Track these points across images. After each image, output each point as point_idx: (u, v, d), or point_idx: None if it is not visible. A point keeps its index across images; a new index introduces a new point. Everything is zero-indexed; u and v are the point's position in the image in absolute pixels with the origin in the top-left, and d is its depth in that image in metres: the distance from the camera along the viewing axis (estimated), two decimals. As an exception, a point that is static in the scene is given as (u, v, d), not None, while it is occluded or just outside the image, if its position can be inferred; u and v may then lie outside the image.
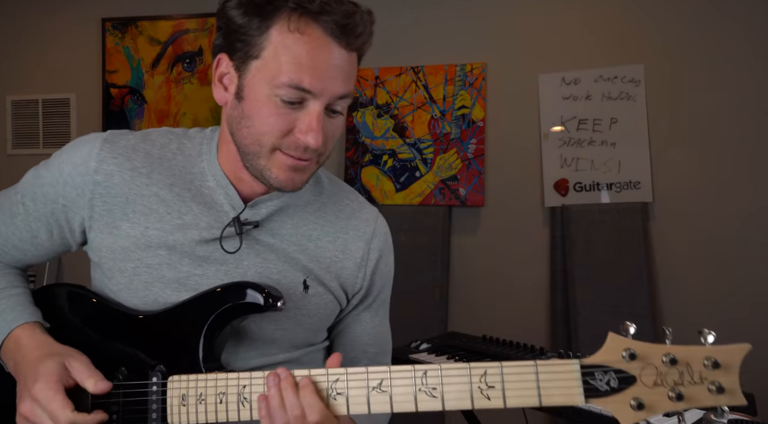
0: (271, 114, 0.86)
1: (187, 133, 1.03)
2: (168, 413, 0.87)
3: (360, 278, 1.04)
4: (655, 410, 0.72)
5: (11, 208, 1.00)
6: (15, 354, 0.91)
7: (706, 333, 0.72)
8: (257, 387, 0.83)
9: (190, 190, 0.96)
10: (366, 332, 1.08)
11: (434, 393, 0.78)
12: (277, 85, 0.84)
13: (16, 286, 1.00)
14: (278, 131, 0.87)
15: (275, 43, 0.85)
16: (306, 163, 0.89)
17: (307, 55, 0.84)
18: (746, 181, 2.56)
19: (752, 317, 2.48)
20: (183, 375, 0.88)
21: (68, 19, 3.39)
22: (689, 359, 0.72)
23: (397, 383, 0.79)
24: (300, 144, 0.87)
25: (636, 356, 0.72)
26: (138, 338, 0.93)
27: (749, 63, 2.56)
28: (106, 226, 0.94)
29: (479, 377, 0.76)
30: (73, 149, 0.97)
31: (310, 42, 0.84)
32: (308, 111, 0.86)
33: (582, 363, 0.74)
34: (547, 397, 0.75)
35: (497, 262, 2.86)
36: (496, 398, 0.76)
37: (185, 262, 0.94)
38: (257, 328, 0.96)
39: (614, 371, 0.73)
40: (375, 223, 1.07)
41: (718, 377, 0.71)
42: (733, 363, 0.72)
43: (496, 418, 2.23)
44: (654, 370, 0.72)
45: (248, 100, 0.88)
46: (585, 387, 0.74)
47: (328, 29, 0.84)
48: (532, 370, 0.75)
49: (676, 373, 0.72)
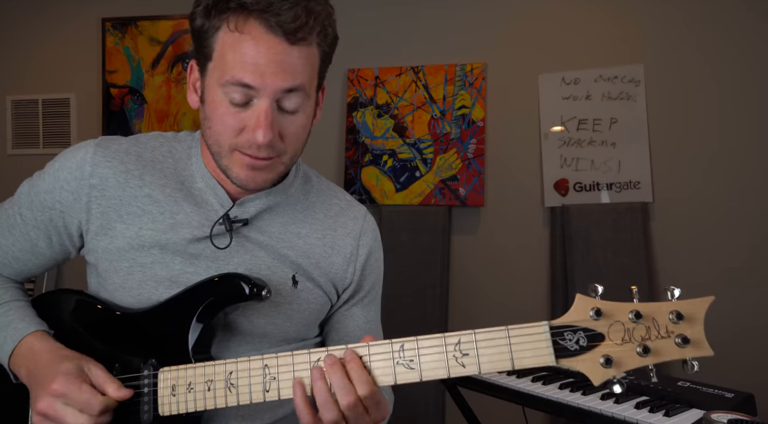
0: (223, 114, 0.89)
1: (177, 136, 1.06)
2: (159, 404, 0.89)
3: (350, 273, 1.06)
4: (624, 365, 0.73)
5: (8, 221, 1.02)
6: (28, 361, 0.93)
7: (672, 289, 0.74)
8: (243, 373, 0.86)
9: (181, 190, 0.99)
10: (359, 327, 1.10)
11: (411, 365, 0.80)
12: (223, 84, 0.87)
13: (19, 299, 1.03)
14: (231, 130, 0.89)
15: (221, 44, 0.87)
16: (265, 163, 0.91)
17: (247, 53, 0.85)
18: (746, 181, 2.55)
19: (752, 317, 2.48)
20: (173, 367, 0.90)
21: (68, 19, 3.39)
22: (654, 313, 0.73)
23: (376, 358, 0.81)
24: (252, 142, 0.88)
25: (602, 314, 0.75)
26: (130, 334, 0.96)
27: (749, 63, 2.56)
28: (102, 228, 0.97)
29: (453, 346, 0.79)
30: (67, 156, 0.99)
31: (249, 39, 0.85)
32: (255, 109, 0.88)
33: (551, 324, 0.77)
34: (519, 360, 0.76)
35: (497, 262, 2.87)
36: (470, 365, 0.78)
37: (177, 260, 0.96)
38: (248, 323, 0.98)
39: (582, 330, 0.75)
40: (363, 220, 1.09)
41: (684, 330, 0.73)
42: (697, 315, 0.73)
43: (496, 417, 2.23)
44: (621, 326, 0.74)
45: (207, 102, 0.91)
46: (555, 347, 0.76)
47: (267, 25, 0.85)
48: (504, 334, 0.78)
49: (643, 328, 0.73)
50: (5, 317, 0.99)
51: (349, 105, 3.03)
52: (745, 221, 2.55)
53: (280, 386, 0.84)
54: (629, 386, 1.49)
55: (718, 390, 1.44)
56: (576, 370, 0.75)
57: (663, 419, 1.33)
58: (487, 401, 1.72)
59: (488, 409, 2.07)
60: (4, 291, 1.03)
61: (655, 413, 1.35)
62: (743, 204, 2.55)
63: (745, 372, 2.34)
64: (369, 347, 0.82)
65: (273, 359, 0.85)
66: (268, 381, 0.85)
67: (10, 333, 0.96)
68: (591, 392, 1.48)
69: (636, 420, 1.33)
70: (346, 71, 3.03)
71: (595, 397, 1.46)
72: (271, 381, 0.85)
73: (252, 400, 0.85)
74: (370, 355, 0.82)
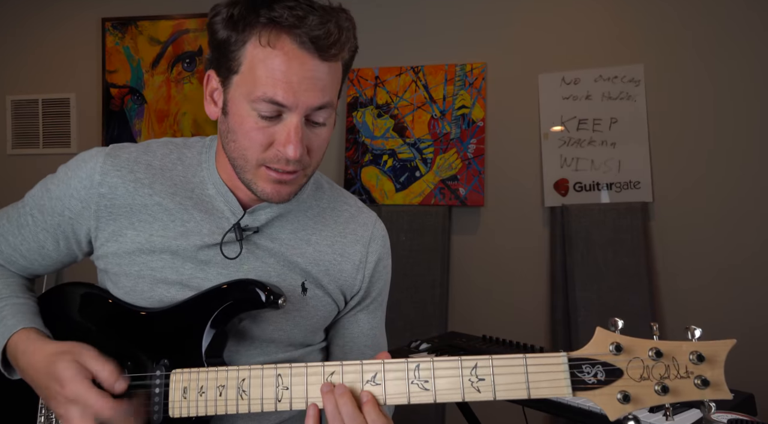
0: (251, 128, 0.88)
1: (186, 142, 1.05)
2: (169, 407, 0.89)
3: (359, 280, 1.06)
4: (641, 403, 0.73)
5: (19, 220, 1.03)
6: (19, 361, 0.93)
7: (693, 329, 0.74)
8: (256, 380, 0.85)
9: (191, 198, 0.99)
10: (363, 333, 1.10)
11: (426, 386, 0.79)
12: (254, 100, 0.86)
13: (18, 296, 1.03)
14: (259, 145, 0.88)
15: (250, 58, 0.86)
16: (291, 176, 0.91)
17: (279, 69, 0.84)
18: (746, 181, 2.56)
19: (752, 318, 2.49)
20: (185, 369, 0.90)
21: (68, 19, 3.39)
22: (675, 353, 0.73)
23: (391, 376, 0.80)
24: (281, 156, 0.88)
25: (622, 350, 0.74)
26: (143, 334, 0.96)
27: (749, 63, 2.56)
28: (112, 234, 0.98)
29: (470, 370, 0.78)
30: (78, 164, 1.00)
31: (281, 56, 0.84)
32: (285, 124, 0.87)
33: (570, 356, 0.76)
34: (535, 389, 0.76)
35: (497, 262, 2.87)
36: (486, 391, 0.77)
37: (188, 265, 0.96)
38: (257, 328, 0.98)
39: (601, 365, 0.75)
40: (373, 227, 1.09)
41: (704, 371, 0.72)
42: (718, 357, 0.73)
43: (496, 418, 2.23)
44: (640, 363, 0.74)
45: (231, 115, 0.90)
46: (572, 380, 0.75)
47: (299, 42, 0.84)
48: (521, 362, 0.77)
49: (663, 367, 0.73)
50: None
51: (349, 105, 3.03)
52: (745, 221, 2.55)
53: (293, 396, 0.83)
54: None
55: (718, 390, 1.44)
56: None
57: (663, 419, 1.33)
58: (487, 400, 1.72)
59: (488, 409, 2.07)
60: (5, 286, 1.04)
61: (655, 413, 1.35)
62: (743, 203, 2.55)
63: (745, 372, 2.34)
64: (384, 365, 0.81)
65: (287, 369, 0.85)
66: (281, 391, 0.84)
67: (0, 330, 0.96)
68: (591, 392, 1.48)
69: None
70: (346, 71, 3.03)
71: (595, 397, 1.46)
72: (283, 391, 0.84)
73: (263, 408, 0.85)
74: (385, 372, 0.81)
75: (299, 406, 0.83)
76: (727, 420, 1.05)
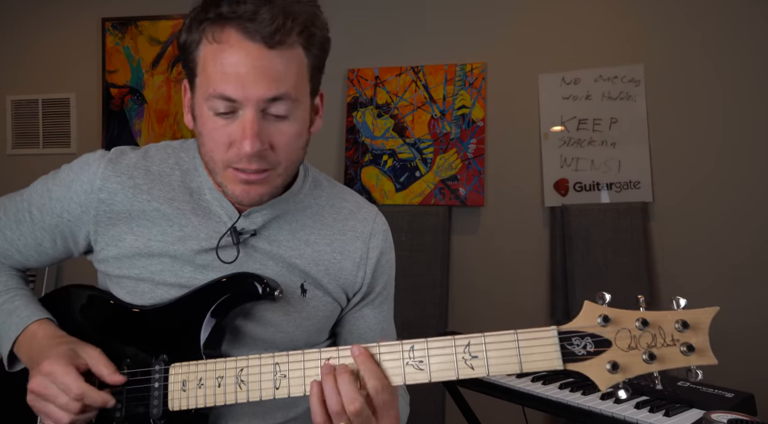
0: (211, 129, 0.87)
1: (183, 145, 1.05)
2: (169, 399, 0.90)
3: (360, 276, 1.05)
4: (630, 371, 0.76)
5: (17, 215, 1.04)
6: (30, 346, 0.96)
7: (678, 299, 0.76)
8: (254, 369, 0.87)
9: (189, 202, 0.99)
10: (371, 328, 1.09)
11: (421, 366, 0.81)
12: (208, 99, 0.85)
13: (22, 288, 1.06)
14: (222, 145, 0.87)
15: (203, 57, 0.86)
16: (259, 176, 0.89)
17: (227, 62, 0.83)
18: (746, 181, 2.55)
19: (752, 318, 2.48)
20: (184, 362, 0.91)
21: (68, 19, 3.39)
22: (660, 322, 0.76)
23: (386, 357, 0.82)
24: (241, 155, 0.86)
25: (610, 321, 0.76)
26: (142, 330, 0.97)
27: (750, 62, 2.56)
28: (112, 239, 0.99)
29: (463, 348, 0.80)
30: (81, 167, 1.00)
31: (227, 49, 0.83)
32: (241, 119, 0.85)
33: (559, 329, 0.78)
34: (527, 363, 0.78)
35: (497, 262, 2.86)
36: (479, 367, 0.79)
37: (187, 268, 0.97)
38: (259, 329, 0.99)
39: (590, 336, 0.77)
40: (373, 222, 1.08)
41: (689, 338, 0.75)
42: (702, 324, 0.75)
43: (496, 418, 2.23)
44: (628, 333, 0.76)
45: (198, 119, 0.90)
46: (563, 352, 0.77)
47: (244, 32, 0.82)
48: (513, 338, 0.79)
49: (650, 336, 0.75)
50: (11, 303, 1.01)
51: (349, 105, 3.03)
52: (746, 221, 2.55)
53: (291, 383, 0.85)
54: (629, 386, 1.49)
55: (718, 390, 1.44)
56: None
57: (663, 419, 1.33)
58: (487, 401, 1.73)
59: (488, 409, 2.07)
60: (9, 278, 1.06)
61: (655, 413, 1.35)
62: (743, 204, 2.55)
63: (745, 372, 2.34)
64: (379, 347, 0.83)
65: (284, 357, 0.86)
66: (279, 379, 0.86)
67: (15, 320, 0.98)
68: (591, 392, 1.48)
69: (636, 420, 1.33)
70: (346, 71, 3.03)
71: (595, 397, 1.46)
72: (281, 379, 0.86)
73: (262, 397, 0.86)
74: (380, 354, 0.82)
75: (297, 392, 0.85)
76: (727, 420, 1.05)
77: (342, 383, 0.80)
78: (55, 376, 0.88)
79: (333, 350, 0.84)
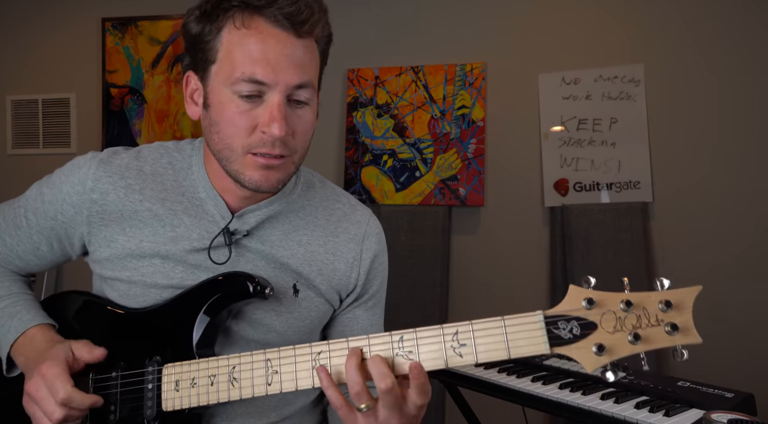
0: (233, 114, 0.88)
1: (177, 145, 1.06)
2: (162, 400, 0.91)
3: (353, 278, 1.06)
4: (616, 353, 0.76)
5: (15, 220, 1.05)
6: (27, 349, 0.96)
7: (662, 280, 0.77)
8: (246, 366, 0.87)
9: (181, 202, 0.99)
10: (363, 329, 1.10)
11: (410, 356, 0.81)
12: (234, 82, 0.86)
13: (26, 292, 1.07)
14: (243, 130, 0.88)
15: (226, 43, 0.87)
16: (278, 161, 0.90)
17: (256, 48, 0.85)
18: (746, 180, 2.56)
19: (752, 318, 2.48)
20: (177, 363, 0.92)
21: (68, 19, 3.39)
22: (644, 302, 0.76)
23: (376, 349, 0.82)
24: (266, 138, 0.87)
25: (595, 303, 0.77)
26: (136, 333, 0.98)
27: (749, 62, 2.56)
28: (104, 239, 0.99)
29: (452, 337, 0.80)
30: (72, 169, 1.01)
31: (257, 35, 0.85)
32: (268, 103, 0.87)
33: (545, 314, 0.79)
34: (515, 349, 0.79)
35: (497, 262, 2.87)
36: (468, 355, 0.80)
37: (179, 269, 0.97)
38: (252, 331, 0.99)
39: (576, 320, 0.78)
40: (366, 224, 1.08)
41: (673, 318, 0.75)
42: (685, 303, 0.76)
43: (496, 418, 2.23)
44: (613, 315, 0.76)
45: (213, 106, 0.90)
46: (549, 336, 0.78)
47: (273, 20, 0.85)
48: (500, 324, 0.80)
49: (634, 317, 0.76)
50: (13, 307, 1.02)
51: (349, 105, 3.03)
52: (746, 221, 2.55)
53: (283, 379, 0.85)
54: (629, 385, 1.49)
55: (718, 390, 1.44)
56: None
57: (663, 419, 1.33)
58: (487, 401, 1.73)
59: (488, 409, 2.07)
60: (11, 283, 1.07)
61: (655, 413, 1.35)
62: (743, 203, 2.55)
63: (745, 372, 2.34)
64: (369, 339, 0.83)
65: (275, 353, 0.87)
66: (270, 374, 0.86)
67: (15, 324, 0.99)
68: (591, 392, 1.48)
69: (636, 420, 1.33)
70: (346, 71, 3.03)
71: (595, 397, 1.46)
72: (273, 374, 0.86)
73: (254, 394, 0.86)
74: (370, 346, 0.82)
75: (289, 388, 0.85)
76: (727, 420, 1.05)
77: (372, 363, 0.79)
78: (47, 377, 0.89)
79: (324, 344, 0.84)
